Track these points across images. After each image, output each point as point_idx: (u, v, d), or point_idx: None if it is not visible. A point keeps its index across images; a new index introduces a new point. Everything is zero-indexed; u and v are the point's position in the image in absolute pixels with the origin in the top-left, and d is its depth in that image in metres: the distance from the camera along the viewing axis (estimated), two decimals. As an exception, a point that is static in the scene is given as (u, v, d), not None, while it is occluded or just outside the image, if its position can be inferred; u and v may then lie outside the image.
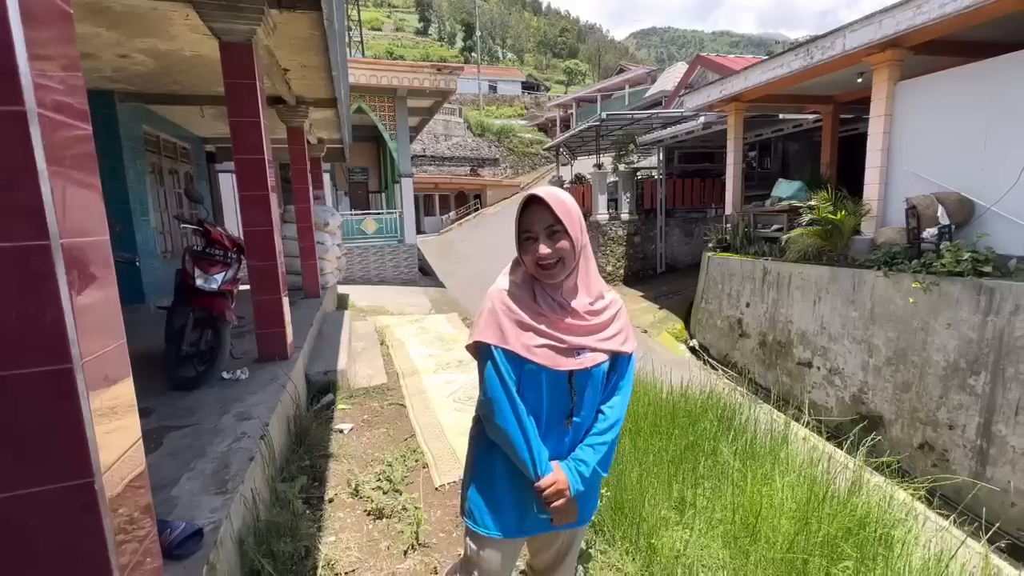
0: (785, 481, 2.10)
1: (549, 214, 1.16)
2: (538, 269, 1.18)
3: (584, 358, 1.21)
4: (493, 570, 1.30)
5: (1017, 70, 5.10)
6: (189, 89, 5.70)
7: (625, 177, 14.15)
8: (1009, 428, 4.40)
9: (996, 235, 5.13)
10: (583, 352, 1.21)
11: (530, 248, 1.17)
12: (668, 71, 27.94)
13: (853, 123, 10.16)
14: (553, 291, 1.22)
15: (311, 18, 3.65)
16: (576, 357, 1.20)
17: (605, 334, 1.24)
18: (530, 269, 1.21)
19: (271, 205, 3.53)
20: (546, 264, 1.16)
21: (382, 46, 54.00)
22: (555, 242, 1.16)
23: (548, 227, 1.16)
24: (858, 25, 6.21)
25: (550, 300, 1.21)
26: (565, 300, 1.22)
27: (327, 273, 7.29)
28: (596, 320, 1.23)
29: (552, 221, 1.16)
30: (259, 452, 2.29)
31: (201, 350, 3.25)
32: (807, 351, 6.68)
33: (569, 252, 1.17)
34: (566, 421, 1.24)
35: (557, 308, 1.21)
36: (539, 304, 1.21)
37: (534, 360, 1.18)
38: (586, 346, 1.21)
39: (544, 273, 1.18)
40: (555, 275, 1.18)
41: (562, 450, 1.26)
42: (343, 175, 16.92)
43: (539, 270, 1.18)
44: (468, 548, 1.32)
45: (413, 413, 3.69)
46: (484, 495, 1.28)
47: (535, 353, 1.18)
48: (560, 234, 1.16)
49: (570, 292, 1.23)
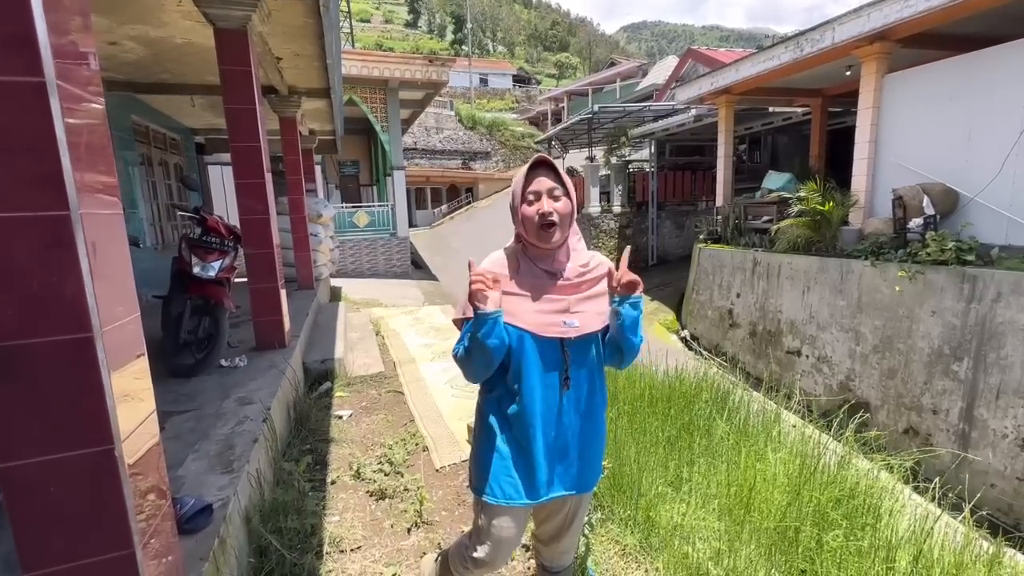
0: (778, 456, 2.17)
1: (553, 177, 1.24)
2: (539, 229, 1.22)
3: (573, 327, 1.24)
4: (505, 538, 1.31)
5: (999, 64, 5.22)
6: (180, 78, 5.64)
7: (617, 170, 14.21)
8: (990, 412, 4.54)
9: (979, 224, 5.26)
10: (573, 321, 1.24)
11: (533, 205, 1.23)
12: (659, 65, 28.02)
13: (841, 116, 10.31)
14: (542, 261, 1.27)
15: (307, 5, 3.64)
16: (564, 326, 1.24)
17: (598, 305, 1.28)
18: (529, 230, 1.24)
19: (267, 193, 3.53)
20: (548, 222, 1.21)
21: (371, 38, 53.39)
22: (556, 202, 1.23)
23: (550, 189, 1.23)
24: (847, 18, 6.29)
25: (537, 270, 1.27)
26: (556, 268, 1.27)
27: (320, 265, 7.27)
28: (588, 278, 1.28)
29: (554, 184, 1.23)
30: (262, 435, 2.31)
31: (199, 337, 3.25)
32: (796, 340, 6.80)
33: (567, 215, 1.24)
34: (562, 385, 1.26)
35: (545, 276, 1.26)
36: (523, 275, 1.26)
37: (518, 325, 1.22)
38: (579, 311, 1.25)
39: (544, 233, 1.23)
40: (553, 235, 1.23)
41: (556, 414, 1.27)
42: (334, 168, 16.80)
43: (540, 229, 1.22)
44: (479, 519, 1.34)
45: (411, 399, 3.73)
46: (493, 464, 1.30)
47: (521, 319, 1.23)
48: (561, 197, 1.24)
49: (561, 261, 1.28)
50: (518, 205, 1.25)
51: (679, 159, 15.57)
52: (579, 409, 1.30)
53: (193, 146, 9.28)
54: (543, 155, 1.26)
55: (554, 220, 1.21)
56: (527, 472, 1.29)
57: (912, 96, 6.14)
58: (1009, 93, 5.10)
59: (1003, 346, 4.45)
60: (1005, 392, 4.44)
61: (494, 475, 1.30)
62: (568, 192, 1.25)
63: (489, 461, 1.31)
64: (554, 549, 1.46)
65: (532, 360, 1.24)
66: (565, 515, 1.40)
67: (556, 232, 1.23)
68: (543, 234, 1.23)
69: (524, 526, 1.39)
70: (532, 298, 1.25)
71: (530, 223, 1.23)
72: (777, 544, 1.80)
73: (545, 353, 1.24)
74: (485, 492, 1.31)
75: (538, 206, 1.22)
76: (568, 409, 1.28)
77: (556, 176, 1.24)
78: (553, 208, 1.22)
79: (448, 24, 73.51)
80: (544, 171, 1.24)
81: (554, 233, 1.23)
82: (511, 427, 1.28)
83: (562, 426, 1.28)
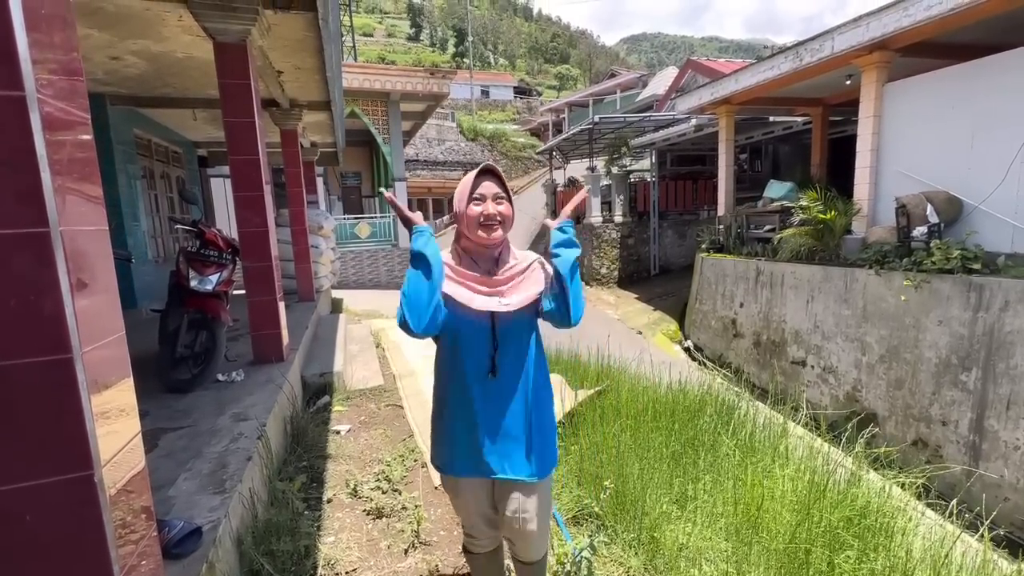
0: (785, 473, 2.11)
1: (498, 184, 1.37)
2: (480, 228, 1.34)
3: (505, 305, 1.35)
4: (466, 508, 1.48)
5: (1000, 71, 5.20)
6: (182, 92, 5.67)
7: (618, 180, 14.23)
8: (1001, 423, 4.45)
9: (984, 232, 5.20)
10: (506, 300, 1.36)
11: (478, 206, 1.34)
12: (659, 75, 28.19)
13: (842, 125, 10.31)
14: (480, 260, 1.40)
15: (306, 19, 3.65)
16: (499, 303, 1.35)
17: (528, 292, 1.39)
18: (471, 229, 1.35)
19: (266, 206, 3.51)
20: (490, 222, 1.34)
21: (374, 52, 54.02)
22: (499, 205, 1.36)
23: (495, 194, 1.36)
24: (846, 28, 6.30)
25: (475, 266, 1.40)
26: (492, 267, 1.40)
27: (321, 277, 7.25)
28: (516, 269, 1.41)
29: (499, 190, 1.37)
30: (256, 452, 2.26)
31: (196, 352, 3.21)
32: (801, 350, 6.73)
33: (508, 218, 1.37)
34: (490, 372, 1.36)
35: (482, 272, 1.39)
36: (463, 268, 1.39)
37: (455, 298, 1.33)
38: (510, 295, 1.37)
39: (484, 232, 1.34)
40: (493, 234, 1.35)
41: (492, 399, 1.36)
42: (336, 179, 16.87)
43: (481, 228, 1.34)
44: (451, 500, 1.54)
45: (411, 414, 3.67)
46: (442, 439, 1.44)
47: (457, 293, 1.34)
48: (504, 202, 1.37)
49: (497, 260, 1.42)
50: (464, 206, 1.35)
51: (680, 168, 15.58)
52: (514, 396, 1.38)
53: (195, 159, 9.33)
54: (491, 164, 1.38)
55: (498, 220, 1.35)
56: (469, 451, 1.38)
57: (913, 104, 6.12)
58: (1011, 101, 5.07)
59: (1012, 356, 4.38)
60: (1016, 403, 4.35)
61: (443, 449, 1.45)
62: (510, 199, 1.39)
63: (439, 437, 1.46)
64: (519, 542, 1.48)
65: (466, 345, 1.36)
66: (518, 503, 1.41)
67: (498, 229, 1.36)
68: (485, 230, 1.34)
69: (487, 500, 1.47)
70: (469, 286, 1.36)
71: (473, 222, 1.34)
72: (787, 566, 1.73)
73: (478, 339, 1.36)
74: (437, 465, 1.47)
75: (484, 207, 1.34)
76: (502, 396, 1.37)
77: (501, 183, 1.38)
78: (497, 211, 1.34)
79: (450, 37, 74.36)
80: (491, 178, 1.37)
81: (496, 230, 1.35)
82: (455, 404, 1.40)
83: (497, 412, 1.37)
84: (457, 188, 1.39)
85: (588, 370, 4.03)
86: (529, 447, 1.40)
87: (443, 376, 1.44)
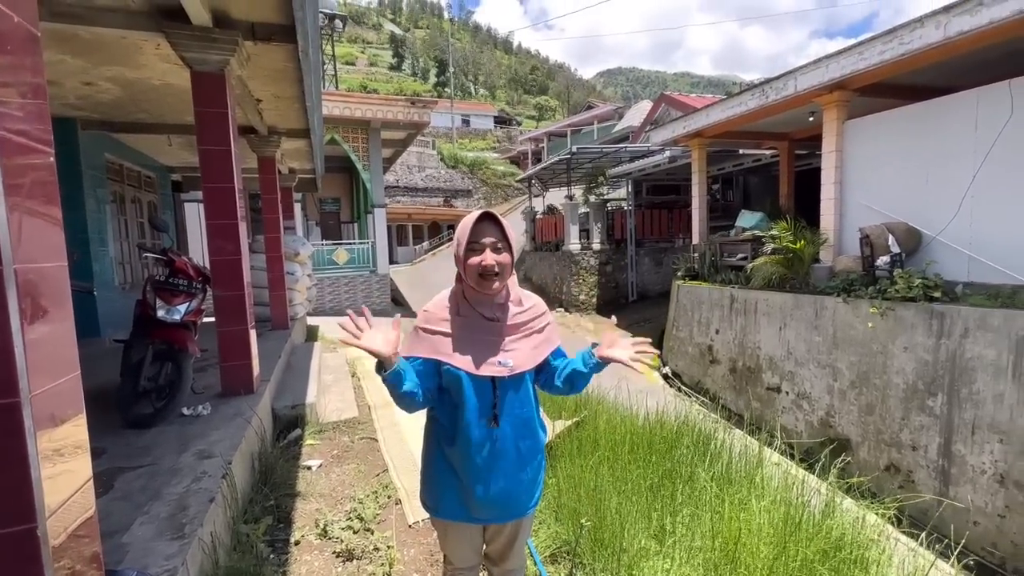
0: (761, 505, 2.11)
1: (498, 231, 1.32)
2: (479, 278, 1.30)
3: (506, 367, 1.33)
4: (456, 552, 1.48)
5: (947, 112, 5.55)
6: (157, 118, 5.61)
7: (596, 208, 14.51)
8: (967, 447, 4.57)
9: (943, 262, 5.45)
10: (507, 360, 1.34)
11: (474, 258, 1.30)
12: (634, 108, 29.21)
13: (807, 158, 10.78)
14: (480, 305, 1.35)
15: (286, 50, 3.68)
16: (499, 366, 1.33)
17: (532, 342, 1.38)
18: (470, 277, 1.31)
19: (240, 234, 3.45)
20: (489, 273, 1.29)
21: (356, 80, 54.68)
22: (498, 255, 1.30)
23: (493, 242, 1.31)
24: (808, 69, 6.67)
25: (475, 313, 1.35)
26: (493, 312, 1.36)
27: (296, 304, 7.11)
28: (522, 319, 1.39)
29: (498, 238, 1.32)
30: (220, 493, 2.16)
31: (160, 385, 3.09)
32: (775, 376, 6.83)
33: (507, 266, 1.33)
34: (490, 421, 1.33)
35: (481, 318, 1.35)
36: (462, 316, 1.35)
37: (455, 365, 1.31)
38: (513, 350, 1.35)
39: (484, 282, 1.30)
40: (492, 284, 1.31)
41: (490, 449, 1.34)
42: (314, 205, 16.78)
43: (480, 279, 1.30)
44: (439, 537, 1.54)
45: (385, 447, 3.57)
46: (434, 483, 1.42)
47: (454, 358, 1.32)
48: (503, 250, 1.32)
49: (498, 305, 1.37)
50: (462, 253, 1.31)
51: (656, 198, 16.00)
52: (511, 445, 1.37)
53: (169, 184, 9.18)
54: (490, 211, 1.34)
55: (496, 271, 1.29)
56: (465, 498, 1.37)
57: (872, 141, 6.46)
58: (960, 139, 5.40)
59: (974, 381, 4.53)
60: (980, 427, 4.48)
61: (434, 492, 1.42)
62: (510, 246, 1.34)
63: (431, 481, 1.43)
64: (502, 567, 1.54)
65: (468, 398, 1.32)
66: (508, 537, 1.49)
67: (496, 281, 1.31)
68: (484, 282, 1.31)
69: (480, 536, 1.49)
70: (469, 339, 1.33)
71: (472, 272, 1.30)
72: (765, 603, 1.71)
73: (479, 392, 1.33)
74: (431, 509, 1.45)
75: (481, 257, 1.29)
76: (500, 444, 1.35)
77: (500, 230, 1.33)
78: (495, 260, 1.29)
79: (431, 67, 75.94)
80: (490, 224, 1.32)
81: (494, 282, 1.31)
82: (450, 455, 1.38)
83: (497, 459, 1.35)
84: (456, 234, 1.35)
85: (567, 399, 4.01)
86: (525, 487, 1.41)
87: (439, 422, 1.40)
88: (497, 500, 1.36)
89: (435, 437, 1.42)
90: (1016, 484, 4.21)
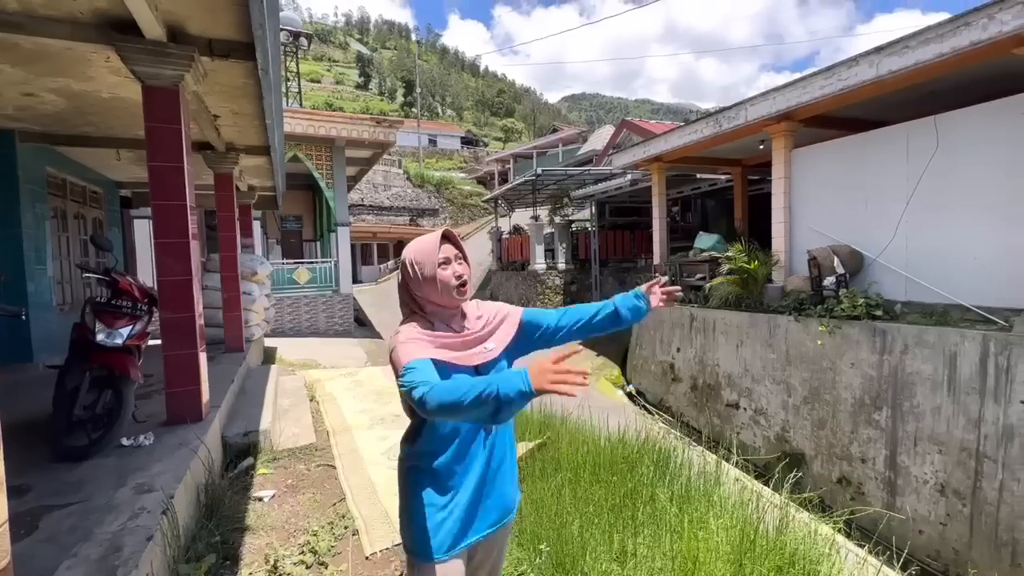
0: (719, 523, 2.14)
1: (456, 246, 1.41)
2: (457, 288, 1.36)
3: (491, 350, 1.39)
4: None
5: (882, 144, 5.99)
6: (105, 131, 5.38)
7: (561, 229, 14.75)
8: (911, 459, 4.80)
9: (883, 282, 5.79)
10: (490, 345, 1.40)
11: (447, 272, 1.36)
12: (597, 132, 30.11)
13: (760, 183, 11.35)
14: (450, 320, 1.40)
15: (245, 67, 3.62)
16: (486, 350, 1.38)
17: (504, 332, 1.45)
18: (444, 291, 1.36)
19: (191, 253, 3.32)
20: (464, 281, 1.38)
21: (321, 97, 54.20)
22: (461, 266, 1.40)
23: (456, 256, 1.39)
24: (757, 100, 7.07)
25: (447, 328, 1.39)
26: (461, 324, 1.42)
27: (253, 325, 6.85)
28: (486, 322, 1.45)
29: (459, 252, 1.41)
30: (160, 530, 2.02)
31: (97, 414, 2.88)
32: (734, 393, 7.03)
33: (470, 276, 1.42)
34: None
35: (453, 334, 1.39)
36: (438, 331, 1.38)
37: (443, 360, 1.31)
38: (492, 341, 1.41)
39: (460, 291, 1.37)
40: (466, 292, 1.39)
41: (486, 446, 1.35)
42: (275, 223, 16.35)
43: (458, 289, 1.37)
44: None
45: (343, 474, 3.44)
46: (428, 517, 1.30)
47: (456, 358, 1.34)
48: (464, 262, 1.41)
49: (461, 320, 1.43)
50: (434, 271, 1.34)
51: (618, 219, 16.42)
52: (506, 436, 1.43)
53: (117, 199, 8.76)
54: (447, 229, 1.43)
55: (466, 279, 1.39)
56: (466, 513, 1.33)
57: (817, 168, 6.87)
58: (893, 169, 5.82)
59: (915, 395, 4.79)
60: (921, 439, 4.73)
61: (432, 528, 1.30)
62: (466, 258, 1.43)
63: (422, 516, 1.31)
64: None
65: None
66: (499, 549, 1.47)
67: (468, 290, 1.40)
68: (458, 293, 1.37)
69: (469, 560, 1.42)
70: (451, 347, 1.36)
71: (446, 285, 1.35)
72: (723, 622, 1.72)
73: None
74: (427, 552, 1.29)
75: (453, 269, 1.36)
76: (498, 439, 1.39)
77: (458, 245, 1.42)
78: (463, 270, 1.39)
79: (399, 87, 76.21)
80: (447, 242, 1.40)
81: (467, 291, 1.40)
82: (436, 474, 1.32)
83: (491, 458, 1.37)
84: (415, 258, 1.35)
85: (532, 419, 3.99)
86: (511, 483, 1.45)
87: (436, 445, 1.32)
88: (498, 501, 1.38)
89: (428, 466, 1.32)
90: (955, 492, 4.44)
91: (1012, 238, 4.70)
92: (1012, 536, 4.04)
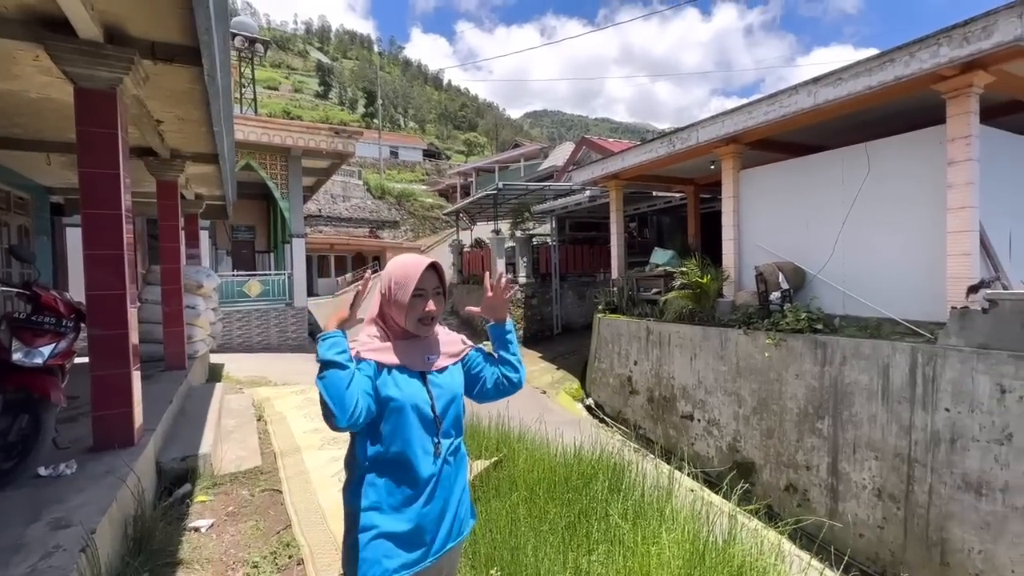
0: (671, 537, 2.16)
1: (438, 279, 1.39)
2: (419, 324, 1.36)
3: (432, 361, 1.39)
4: None
5: (820, 168, 6.39)
6: (34, 134, 5.02)
7: (522, 243, 14.85)
8: (851, 465, 5.05)
9: (823, 297, 6.13)
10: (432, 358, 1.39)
11: (419, 303, 1.35)
12: (558, 149, 30.70)
13: (711, 202, 11.84)
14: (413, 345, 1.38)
15: (191, 72, 3.47)
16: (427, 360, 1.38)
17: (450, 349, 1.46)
18: (409, 320, 1.35)
19: (124, 267, 3.11)
20: (430, 319, 1.37)
21: (278, 105, 52.81)
22: (437, 302, 1.39)
23: (435, 288, 1.38)
24: (707, 123, 7.41)
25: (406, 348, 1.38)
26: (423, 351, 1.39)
27: (197, 340, 6.49)
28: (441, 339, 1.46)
29: (439, 284, 1.39)
30: (77, 570, 1.84)
31: (10, 441, 2.62)
32: (688, 405, 7.21)
33: (440, 311, 1.41)
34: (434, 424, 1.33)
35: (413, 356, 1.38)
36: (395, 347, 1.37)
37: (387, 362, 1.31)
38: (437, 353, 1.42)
39: (424, 327, 1.37)
40: (431, 328, 1.39)
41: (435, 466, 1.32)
42: (226, 233, 15.68)
43: (419, 324, 1.36)
44: None
45: (290, 498, 3.27)
46: (380, 539, 1.26)
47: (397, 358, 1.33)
48: (440, 296, 1.40)
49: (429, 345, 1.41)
50: (407, 298, 1.33)
51: (578, 234, 16.72)
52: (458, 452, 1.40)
53: (47, 206, 8.16)
54: (436, 261, 1.40)
55: (435, 316, 1.39)
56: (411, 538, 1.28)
57: (762, 189, 7.24)
58: (830, 191, 6.21)
59: (853, 404, 5.06)
60: (859, 446, 4.98)
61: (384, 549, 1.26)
62: (445, 292, 1.43)
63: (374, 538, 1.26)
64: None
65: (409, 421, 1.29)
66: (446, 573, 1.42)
67: (432, 326, 1.40)
68: (422, 327, 1.37)
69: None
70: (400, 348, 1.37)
71: (413, 316, 1.35)
72: (675, 639, 1.73)
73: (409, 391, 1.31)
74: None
75: (425, 304, 1.36)
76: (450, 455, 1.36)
77: (442, 279, 1.42)
78: (437, 307, 1.38)
79: (360, 98, 75.34)
80: (433, 273, 1.39)
81: (431, 327, 1.39)
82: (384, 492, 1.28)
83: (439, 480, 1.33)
84: (394, 277, 1.36)
85: (489, 436, 3.94)
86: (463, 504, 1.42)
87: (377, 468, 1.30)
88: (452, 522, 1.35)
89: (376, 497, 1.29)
90: (890, 497, 4.70)
91: (934, 256, 5.08)
92: (940, 536, 4.30)
